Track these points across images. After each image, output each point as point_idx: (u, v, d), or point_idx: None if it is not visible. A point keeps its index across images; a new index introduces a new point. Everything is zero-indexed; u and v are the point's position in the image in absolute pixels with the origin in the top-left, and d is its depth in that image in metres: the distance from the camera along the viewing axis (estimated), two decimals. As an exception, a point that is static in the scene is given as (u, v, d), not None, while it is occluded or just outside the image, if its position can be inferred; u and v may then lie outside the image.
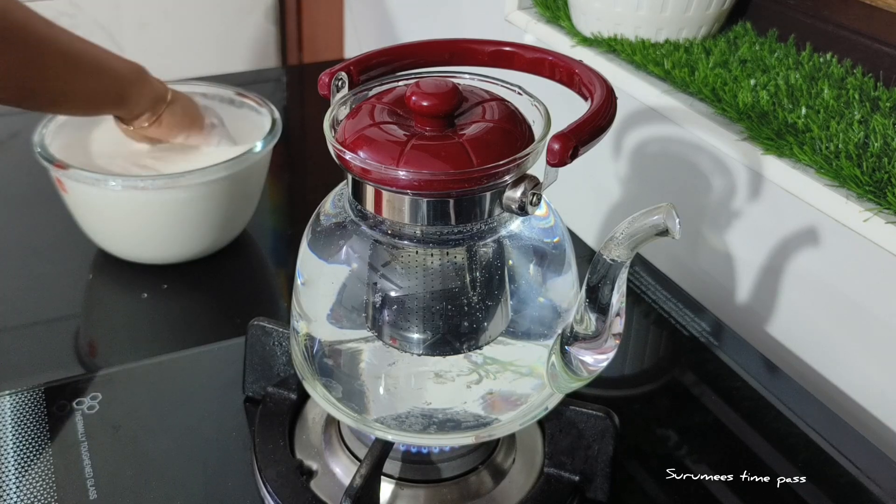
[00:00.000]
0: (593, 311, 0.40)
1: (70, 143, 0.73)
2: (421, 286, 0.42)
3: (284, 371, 0.54)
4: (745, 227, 0.66)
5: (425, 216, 0.40)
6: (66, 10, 1.18)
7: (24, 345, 0.64)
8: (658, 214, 0.37)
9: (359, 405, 0.45)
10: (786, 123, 0.58)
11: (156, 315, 0.69)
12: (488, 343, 0.44)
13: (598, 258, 0.39)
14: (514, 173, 0.39)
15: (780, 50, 0.66)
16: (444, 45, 0.46)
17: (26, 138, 0.71)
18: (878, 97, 0.58)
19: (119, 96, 0.68)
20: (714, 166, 0.67)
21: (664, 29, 0.68)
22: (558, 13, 0.76)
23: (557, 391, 0.45)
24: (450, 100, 0.40)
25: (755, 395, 0.58)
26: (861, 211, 0.52)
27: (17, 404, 0.54)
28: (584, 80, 0.42)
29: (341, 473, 0.49)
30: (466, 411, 0.44)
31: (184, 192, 0.68)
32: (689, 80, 0.64)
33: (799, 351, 0.64)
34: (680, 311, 0.66)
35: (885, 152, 0.53)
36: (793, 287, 0.63)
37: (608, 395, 0.58)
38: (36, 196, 0.80)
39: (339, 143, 0.40)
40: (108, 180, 0.67)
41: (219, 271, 0.73)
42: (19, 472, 0.49)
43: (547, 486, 0.49)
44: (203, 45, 1.29)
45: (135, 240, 0.71)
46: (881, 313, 0.57)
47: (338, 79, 0.43)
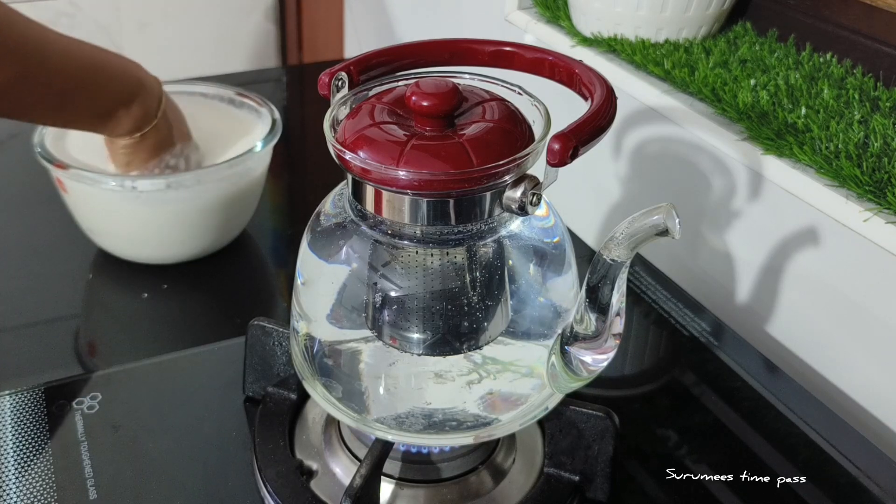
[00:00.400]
0: (593, 311, 0.40)
1: (70, 143, 0.73)
2: (421, 286, 0.42)
3: (284, 371, 0.54)
4: (745, 227, 0.66)
5: (425, 216, 0.40)
6: (66, 10, 1.18)
7: (24, 345, 0.64)
8: (658, 214, 0.37)
9: (359, 405, 0.45)
10: (786, 123, 0.58)
11: (156, 315, 0.69)
12: (488, 343, 0.44)
13: (598, 258, 0.39)
14: (514, 173, 0.39)
15: (780, 50, 0.66)
16: (444, 45, 0.46)
17: (26, 138, 0.71)
18: (878, 97, 0.58)
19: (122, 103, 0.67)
20: (714, 166, 0.67)
21: (664, 29, 0.68)
22: (558, 13, 0.76)
23: (557, 391, 0.45)
24: (450, 100, 0.40)
25: (755, 395, 0.58)
26: (861, 211, 0.52)
27: (17, 404, 0.54)
28: (584, 80, 0.42)
29: (341, 473, 0.49)
30: (466, 411, 0.44)
31: (184, 192, 0.68)
32: (689, 80, 0.64)
33: (799, 351, 0.64)
34: (680, 311, 0.66)
35: (885, 152, 0.53)
36: (793, 287, 0.63)
37: (608, 395, 0.58)
38: (36, 196, 0.80)
39: (339, 143, 0.40)
40: (108, 180, 0.67)
41: (219, 271, 0.73)
42: (19, 472, 0.49)
43: (547, 486, 0.49)
44: (203, 45, 1.29)
45: (135, 240, 0.71)
46: (881, 313, 0.57)
47: (338, 79, 0.43)
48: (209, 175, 0.68)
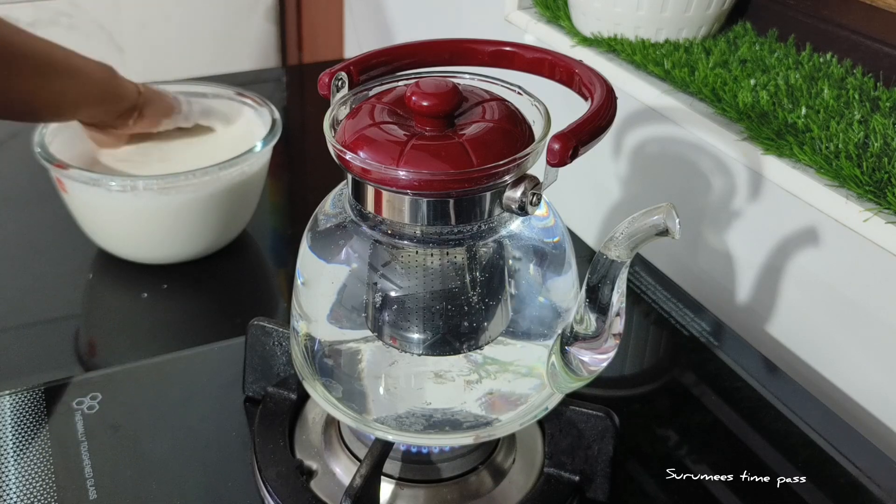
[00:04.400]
0: (593, 311, 0.40)
1: (70, 143, 0.73)
2: (421, 286, 0.42)
3: (284, 371, 0.54)
4: (745, 227, 0.66)
5: (425, 216, 0.40)
6: (66, 10, 1.18)
7: (24, 345, 0.64)
8: (658, 214, 0.37)
9: (359, 405, 0.45)
10: (786, 123, 0.58)
11: (156, 315, 0.69)
12: (488, 343, 0.44)
13: (598, 258, 0.39)
14: (514, 173, 0.39)
15: (780, 50, 0.66)
16: (444, 45, 0.46)
17: (26, 138, 0.71)
18: (878, 97, 0.58)
19: (96, 98, 0.67)
20: (714, 166, 0.67)
21: (664, 29, 0.68)
22: (558, 13, 0.76)
23: (557, 391, 0.45)
24: (450, 100, 0.40)
25: (755, 395, 0.58)
26: (861, 211, 0.52)
27: (17, 404, 0.54)
28: (584, 80, 0.42)
29: (341, 473, 0.49)
30: (466, 411, 0.44)
31: (184, 192, 0.68)
32: (689, 80, 0.64)
33: (799, 351, 0.64)
34: (680, 311, 0.66)
35: (885, 152, 0.53)
36: (793, 287, 0.63)
37: (608, 395, 0.58)
38: (36, 196, 0.80)
39: (339, 143, 0.40)
40: (108, 180, 0.67)
41: (219, 271, 0.73)
42: (19, 472, 0.49)
43: (547, 486, 0.49)
44: (203, 45, 1.29)
45: (135, 240, 0.71)
46: (881, 313, 0.57)
47: (338, 79, 0.43)
48: (209, 175, 0.68)
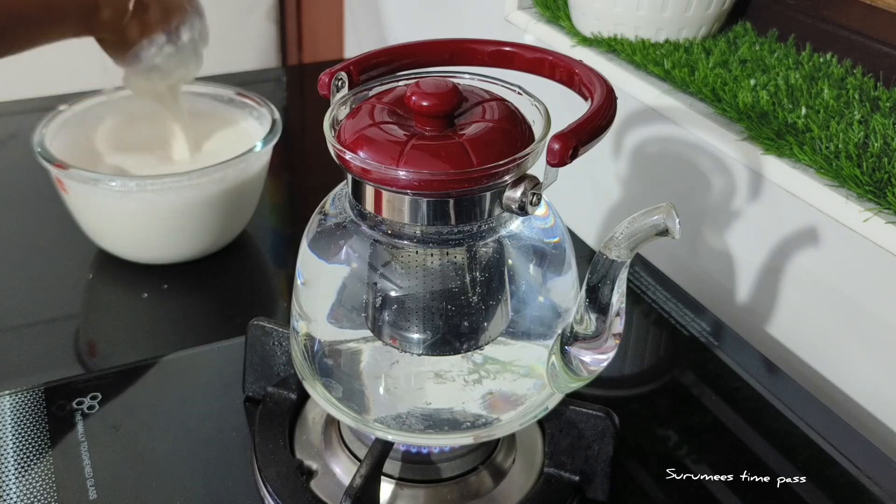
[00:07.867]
0: (593, 311, 0.40)
1: (70, 143, 0.73)
2: (421, 286, 0.42)
3: (284, 371, 0.54)
4: (745, 227, 0.66)
5: (425, 216, 0.40)
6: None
7: (24, 345, 0.64)
8: (658, 214, 0.37)
9: (359, 405, 0.45)
10: (786, 123, 0.58)
11: (156, 315, 0.69)
12: (488, 343, 0.44)
13: (598, 258, 0.39)
14: (514, 173, 0.39)
15: (780, 50, 0.66)
16: (444, 45, 0.46)
17: (26, 138, 0.71)
18: (878, 97, 0.58)
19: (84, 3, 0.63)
20: (714, 166, 0.67)
21: (664, 29, 0.68)
22: (558, 13, 0.76)
23: (557, 391, 0.45)
24: (450, 100, 0.40)
25: (755, 395, 0.58)
26: (861, 211, 0.52)
27: (17, 404, 0.54)
28: (584, 80, 0.42)
29: (341, 473, 0.49)
30: (466, 411, 0.44)
31: (184, 192, 0.68)
32: (689, 80, 0.64)
33: (799, 351, 0.64)
34: (680, 311, 0.66)
35: (885, 152, 0.53)
36: (793, 287, 0.63)
37: (608, 395, 0.58)
38: (36, 196, 0.80)
39: (339, 143, 0.40)
40: (108, 180, 0.67)
41: (219, 271, 0.73)
42: (19, 472, 0.49)
43: (547, 486, 0.49)
44: (203, 45, 1.29)
45: (135, 240, 0.71)
46: (881, 313, 0.57)
47: (338, 79, 0.43)
48: (209, 175, 0.68)
